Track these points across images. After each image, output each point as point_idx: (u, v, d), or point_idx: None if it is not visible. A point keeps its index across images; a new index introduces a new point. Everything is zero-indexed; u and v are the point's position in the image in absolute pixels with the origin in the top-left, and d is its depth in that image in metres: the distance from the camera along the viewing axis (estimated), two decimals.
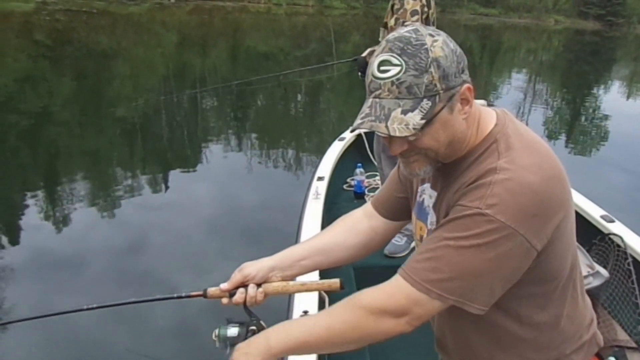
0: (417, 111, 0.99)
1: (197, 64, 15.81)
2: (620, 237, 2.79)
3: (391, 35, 1.05)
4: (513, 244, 0.99)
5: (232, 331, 1.26)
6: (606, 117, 11.88)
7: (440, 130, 1.04)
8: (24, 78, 11.67)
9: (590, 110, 13.13)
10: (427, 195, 1.24)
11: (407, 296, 1.05)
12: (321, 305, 2.36)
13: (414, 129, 1.00)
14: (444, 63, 1.00)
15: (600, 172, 7.88)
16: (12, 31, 18.72)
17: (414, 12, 2.87)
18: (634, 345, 2.49)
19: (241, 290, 1.30)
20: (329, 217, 3.40)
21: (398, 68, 1.00)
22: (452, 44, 1.04)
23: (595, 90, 16.61)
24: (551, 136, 10.08)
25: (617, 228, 2.92)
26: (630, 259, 2.67)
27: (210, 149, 7.59)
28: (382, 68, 1.01)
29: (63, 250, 4.48)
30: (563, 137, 10.30)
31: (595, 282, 2.53)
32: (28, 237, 4.69)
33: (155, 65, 14.81)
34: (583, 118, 12.32)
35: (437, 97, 1.00)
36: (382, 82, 1.01)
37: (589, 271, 2.55)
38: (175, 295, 1.39)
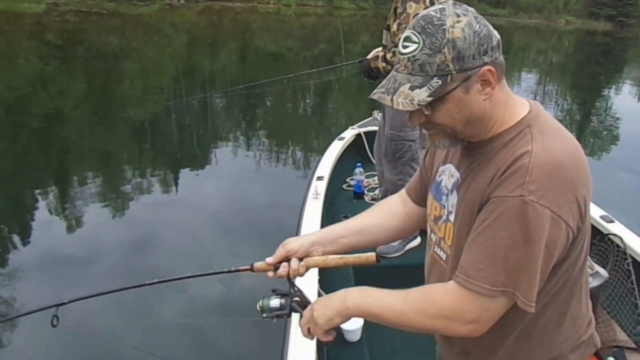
0: (425, 88, 1.04)
1: (207, 64, 15.87)
2: (620, 238, 2.79)
3: (421, 12, 1.09)
4: (559, 229, 1.02)
5: (275, 302, 1.36)
6: (617, 118, 11.80)
7: (455, 109, 1.07)
8: (35, 79, 11.77)
9: (601, 112, 13.03)
10: (446, 175, 1.25)
11: (473, 304, 1.07)
12: None
13: (418, 104, 1.04)
14: (460, 44, 1.02)
15: (611, 174, 7.81)
16: (23, 32, 18.89)
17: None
18: (633, 345, 2.49)
19: (285, 264, 1.38)
20: (328, 216, 3.40)
21: (415, 45, 1.04)
22: (478, 26, 1.04)
23: (606, 92, 16.47)
24: None
25: (616, 228, 2.92)
26: (629, 260, 2.67)
27: (217, 149, 7.64)
28: (404, 44, 1.07)
29: (75, 246, 4.54)
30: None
31: (594, 283, 2.53)
32: (41, 235, 4.75)
33: (165, 66, 14.87)
34: (594, 119, 12.24)
35: (449, 76, 1.03)
36: (402, 57, 1.07)
37: (589, 271, 2.54)
38: (225, 269, 1.53)
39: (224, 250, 4.61)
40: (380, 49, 3.16)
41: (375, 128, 4.87)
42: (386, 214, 1.48)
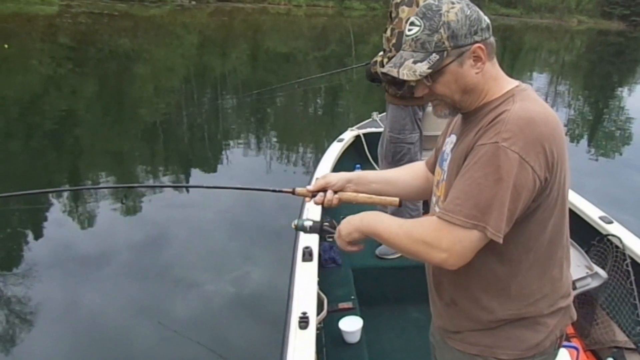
0: (425, 62, 1.24)
1: (218, 65, 15.95)
2: (619, 238, 2.79)
3: (424, 2, 1.28)
4: (526, 172, 1.16)
5: (308, 222, 1.58)
6: (630, 119, 11.68)
7: (452, 80, 1.26)
8: (48, 80, 11.89)
9: (614, 112, 12.93)
10: (449, 143, 1.41)
11: (448, 234, 1.20)
12: (320, 308, 2.37)
13: (420, 75, 1.25)
14: (454, 25, 1.22)
15: (624, 175, 7.77)
16: (36, 34, 19.08)
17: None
18: (632, 346, 2.49)
19: (321, 193, 1.58)
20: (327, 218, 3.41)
21: (417, 28, 1.25)
22: (470, 11, 1.24)
23: (618, 92, 16.34)
24: (573, 137, 9.95)
25: (615, 229, 2.92)
26: (628, 260, 2.67)
27: (226, 150, 7.69)
28: (409, 27, 1.27)
29: (87, 245, 4.61)
30: (585, 139, 10.17)
31: (593, 283, 2.52)
32: (54, 233, 4.82)
33: (177, 67, 14.95)
34: (606, 120, 12.14)
35: (445, 52, 1.23)
36: (407, 38, 1.28)
37: (588, 272, 2.54)
38: (270, 188, 1.71)
39: (228, 248, 4.67)
40: (381, 53, 3.17)
41: (374, 129, 4.88)
42: (413, 173, 1.67)
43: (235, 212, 5.24)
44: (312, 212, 2.98)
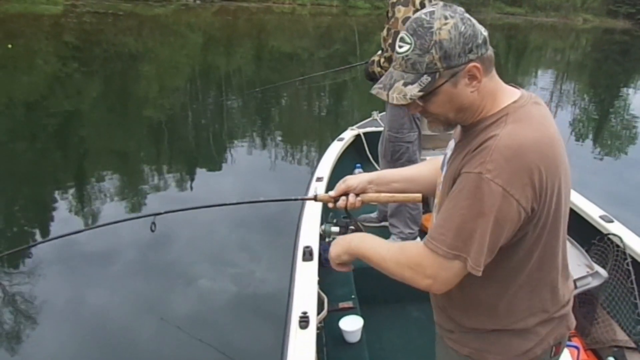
0: (416, 84, 1.18)
1: (222, 64, 15.97)
2: (620, 237, 2.79)
3: (416, 14, 1.22)
4: (510, 206, 1.14)
5: (335, 228, 1.68)
6: (636, 118, 11.64)
7: (445, 100, 1.21)
8: (53, 79, 11.94)
9: (620, 111, 12.88)
10: (449, 149, 1.40)
11: (433, 262, 1.21)
12: (320, 307, 2.37)
13: (410, 99, 1.19)
14: (446, 45, 1.15)
15: (629, 174, 7.74)
16: (42, 33, 19.15)
17: (406, 20, 2.76)
18: (632, 345, 2.48)
19: (343, 197, 1.62)
20: (327, 217, 3.41)
21: (408, 46, 1.18)
22: (464, 27, 1.16)
23: (624, 91, 16.26)
24: (578, 137, 9.92)
25: (616, 228, 2.91)
26: (629, 259, 2.67)
27: (230, 148, 7.72)
28: (399, 44, 1.21)
29: (93, 243, 4.60)
30: (590, 138, 10.14)
31: (594, 283, 2.52)
32: (60, 231, 4.80)
33: (181, 66, 14.98)
34: (612, 119, 12.10)
35: (438, 74, 1.17)
36: (397, 56, 1.21)
37: (588, 271, 2.54)
38: (292, 197, 1.82)
39: (229, 248, 4.70)
40: (379, 52, 3.19)
41: (374, 129, 4.89)
42: (434, 169, 1.61)
43: (236, 211, 5.23)
44: (312, 213, 2.99)
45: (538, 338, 1.34)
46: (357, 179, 1.63)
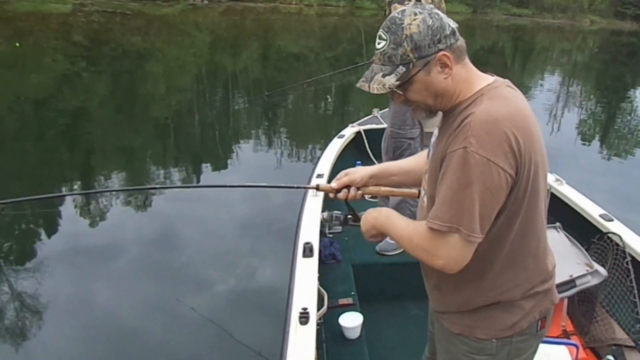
0: (393, 75, 1.31)
1: (229, 64, 16.00)
2: (619, 236, 2.79)
3: (390, 14, 1.35)
4: (496, 173, 1.22)
5: (336, 213, 1.76)
6: None
7: (422, 87, 1.33)
8: (62, 77, 12.01)
9: (627, 113, 12.82)
10: (434, 136, 1.48)
11: (434, 239, 1.30)
12: (320, 304, 2.39)
13: (389, 87, 1.31)
14: (416, 38, 1.27)
15: (635, 175, 7.72)
16: (50, 32, 19.25)
17: None
18: (631, 343, 2.49)
19: (345, 190, 1.71)
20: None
21: (384, 42, 1.32)
22: (432, 20, 1.28)
23: (631, 93, 16.19)
24: (585, 138, 9.90)
25: (615, 227, 2.92)
26: (628, 258, 2.68)
27: (236, 147, 7.73)
28: (377, 41, 1.34)
29: (98, 242, 4.66)
30: (597, 139, 10.11)
31: (593, 281, 2.53)
32: (67, 228, 4.90)
33: (188, 66, 15.03)
34: (619, 121, 12.05)
35: (411, 64, 1.29)
36: (376, 52, 1.34)
37: (588, 270, 2.55)
38: (295, 185, 1.89)
39: (229, 244, 4.73)
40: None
41: (374, 126, 4.92)
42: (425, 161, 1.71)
43: (237, 208, 5.28)
44: (313, 209, 3.02)
45: (523, 312, 1.42)
46: (360, 173, 1.71)
